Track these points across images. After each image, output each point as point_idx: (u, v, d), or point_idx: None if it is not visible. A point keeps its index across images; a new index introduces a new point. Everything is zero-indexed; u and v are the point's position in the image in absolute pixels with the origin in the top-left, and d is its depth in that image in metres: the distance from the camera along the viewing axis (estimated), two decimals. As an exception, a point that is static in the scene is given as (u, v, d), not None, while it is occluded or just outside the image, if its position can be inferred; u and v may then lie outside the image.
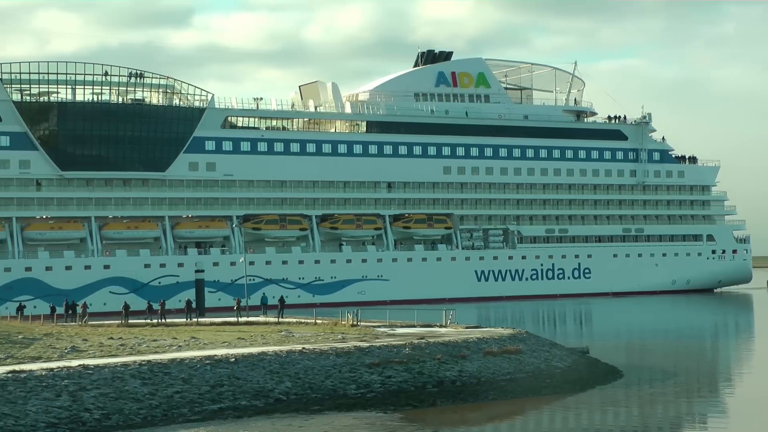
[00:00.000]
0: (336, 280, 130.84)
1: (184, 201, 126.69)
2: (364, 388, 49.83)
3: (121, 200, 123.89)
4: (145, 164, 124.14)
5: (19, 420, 40.26)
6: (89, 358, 49.94)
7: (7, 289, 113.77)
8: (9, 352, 50.43)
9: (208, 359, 49.55)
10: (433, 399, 49.47)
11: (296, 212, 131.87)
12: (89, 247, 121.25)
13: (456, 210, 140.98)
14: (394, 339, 58.63)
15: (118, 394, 44.27)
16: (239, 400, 46.34)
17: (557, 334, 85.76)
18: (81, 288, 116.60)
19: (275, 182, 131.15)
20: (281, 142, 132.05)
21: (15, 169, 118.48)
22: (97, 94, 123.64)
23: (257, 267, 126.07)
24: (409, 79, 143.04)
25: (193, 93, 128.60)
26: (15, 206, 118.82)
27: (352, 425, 43.77)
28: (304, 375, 49.68)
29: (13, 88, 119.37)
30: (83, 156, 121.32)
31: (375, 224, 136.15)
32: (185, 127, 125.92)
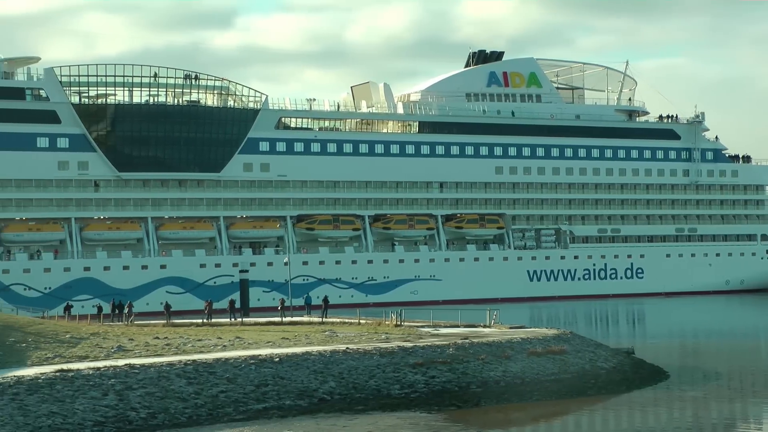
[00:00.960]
0: (388, 280, 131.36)
1: (239, 201, 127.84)
2: (408, 388, 50.07)
3: (176, 201, 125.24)
4: (200, 165, 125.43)
5: (67, 418, 40.97)
6: (135, 357, 50.70)
7: (67, 288, 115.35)
8: (57, 351, 51.15)
9: (252, 359, 50.00)
10: (477, 399, 49.65)
11: (349, 212, 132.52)
12: (146, 248, 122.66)
13: (508, 210, 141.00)
14: (437, 339, 58.84)
15: (164, 394, 44.88)
16: (284, 399, 46.83)
17: (609, 335, 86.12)
18: (138, 288, 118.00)
19: (328, 182, 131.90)
20: (334, 143, 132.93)
21: (74, 170, 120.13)
22: (153, 95, 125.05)
23: (311, 267, 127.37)
24: (461, 79, 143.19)
25: (247, 94, 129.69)
26: (74, 207, 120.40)
27: (396, 425, 44.09)
28: (348, 375, 50.07)
29: (71, 90, 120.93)
30: (140, 157, 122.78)
31: (427, 224, 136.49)
32: (240, 129, 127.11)
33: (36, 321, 62.16)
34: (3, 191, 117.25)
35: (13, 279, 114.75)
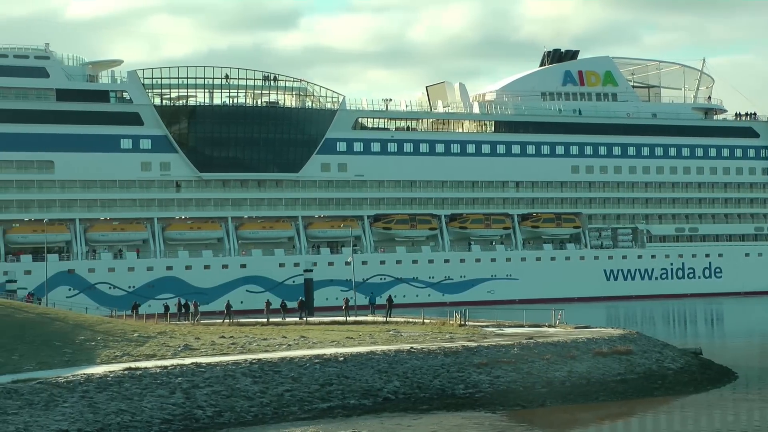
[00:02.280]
0: (465, 279, 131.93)
1: (317, 201, 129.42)
2: (472, 388, 49.77)
3: (256, 201, 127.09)
4: (279, 165, 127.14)
5: (135, 416, 41.49)
6: (201, 356, 51.12)
7: (150, 287, 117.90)
8: (125, 349, 51.87)
9: (317, 358, 50.15)
10: (542, 399, 49.27)
11: (426, 212, 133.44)
12: (226, 247, 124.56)
13: (584, 209, 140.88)
14: (502, 339, 58.64)
15: (230, 392, 45.11)
16: (348, 398, 46.79)
17: (687, 334, 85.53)
18: (219, 287, 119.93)
19: (405, 182, 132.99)
20: (410, 143, 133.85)
21: (156, 171, 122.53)
22: (233, 97, 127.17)
23: (388, 266, 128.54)
24: (536, 78, 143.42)
25: (325, 95, 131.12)
26: (156, 207, 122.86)
27: (461, 425, 43.90)
28: (412, 374, 49.89)
29: (154, 92, 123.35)
30: (220, 158, 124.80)
31: (503, 224, 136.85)
32: (317, 129, 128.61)
33: (105, 320, 63.26)
34: (88, 192, 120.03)
35: (99, 278, 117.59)
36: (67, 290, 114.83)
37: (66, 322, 56.81)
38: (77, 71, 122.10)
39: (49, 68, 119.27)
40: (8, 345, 49.62)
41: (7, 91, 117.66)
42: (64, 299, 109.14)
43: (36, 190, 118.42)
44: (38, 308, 63.15)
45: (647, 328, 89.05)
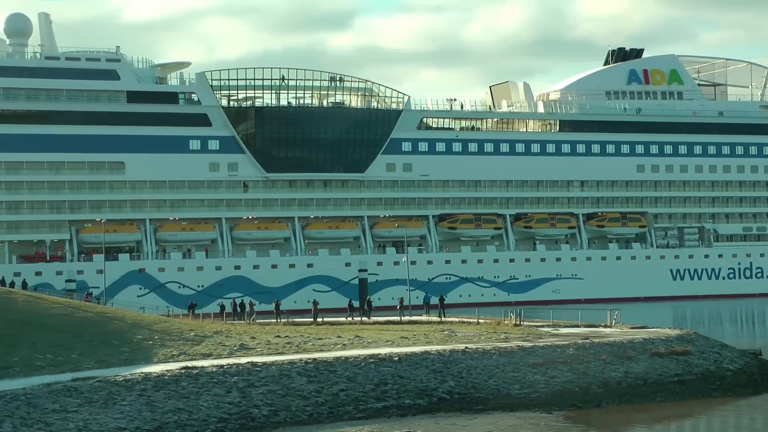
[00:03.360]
0: (530, 278, 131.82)
1: (382, 201, 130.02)
2: (527, 388, 49.78)
3: (322, 201, 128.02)
4: (344, 166, 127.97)
5: (192, 414, 42.18)
6: (257, 355, 51.76)
7: (218, 286, 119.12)
8: (182, 348, 52.70)
9: (372, 358, 50.64)
10: (599, 400, 49.24)
11: (490, 211, 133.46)
12: (293, 247, 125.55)
13: (650, 208, 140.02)
14: (557, 339, 58.78)
15: (285, 391, 45.68)
16: (403, 398, 47.04)
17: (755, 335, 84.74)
18: (286, 286, 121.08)
19: (470, 182, 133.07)
20: (475, 143, 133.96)
21: (224, 171, 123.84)
22: (299, 98, 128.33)
23: (453, 265, 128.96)
24: (600, 77, 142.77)
25: (390, 95, 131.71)
26: (224, 207, 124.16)
27: (516, 425, 44.02)
28: (467, 374, 50.06)
29: (222, 93, 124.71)
30: (286, 158, 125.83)
31: (568, 223, 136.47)
32: (383, 129, 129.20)
33: (162, 319, 64.26)
34: (158, 192, 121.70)
35: (169, 277, 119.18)
36: (137, 289, 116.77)
37: (124, 322, 58.03)
38: (147, 73, 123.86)
39: (120, 71, 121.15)
40: (68, 343, 50.76)
41: (80, 93, 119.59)
42: (134, 298, 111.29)
43: (107, 191, 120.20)
44: (97, 307, 64.47)
45: (714, 329, 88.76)
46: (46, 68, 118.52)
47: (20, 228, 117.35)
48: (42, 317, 55.60)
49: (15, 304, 58.25)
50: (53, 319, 55.85)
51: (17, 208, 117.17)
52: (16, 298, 60.73)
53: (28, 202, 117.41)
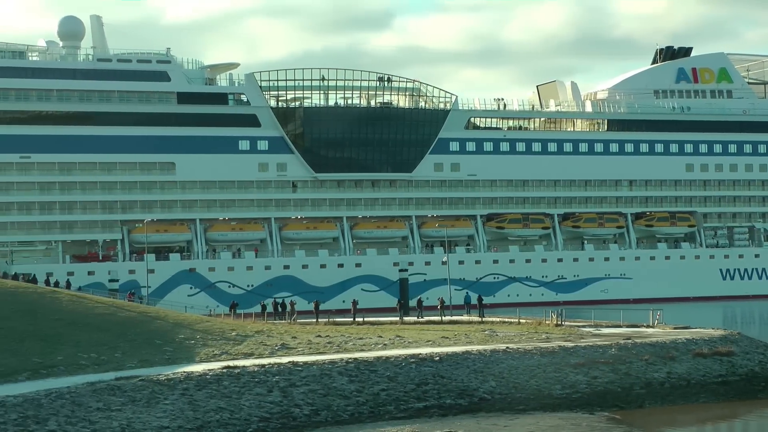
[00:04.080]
0: (578, 278, 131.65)
1: (430, 201, 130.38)
2: (569, 389, 49.63)
3: (370, 201, 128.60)
4: (392, 165, 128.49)
5: (234, 414, 42.42)
6: (298, 355, 52.03)
7: (267, 286, 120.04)
8: (224, 348, 53.08)
9: (413, 358, 50.57)
10: (641, 400, 49.17)
11: (538, 211, 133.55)
12: (341, 246, 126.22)
13: (699, 208, 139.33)
14: (599, 339, 58.54)
15: (327, 391, 45.79)
16: (444, 398, 46.97)
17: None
18: (334, 285, 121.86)
19: (517, 181, 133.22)
20: (523, 142, 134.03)
21: (273, 171, 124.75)
22: (347, 98, 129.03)
23: (501, 265, 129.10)
24: (648, 76, 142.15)
25: (438, 95, 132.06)
26: (273, 207, 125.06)
27: (558, 425, 43.84)
28: (508, 374, 49.89)
29: (270, 94, 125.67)
30: (335, 158, 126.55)
31: (617, 222, 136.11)
32: (431, 129, 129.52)
33: (204, 319, 64.75)
34: (208, 192, 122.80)
35: (219, 277, 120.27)
36: (188, 289, 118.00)
37: (166, 321, 58.74)
38: (196, 74, 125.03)
39: (171, 72, 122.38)
40: (111, 342, 51.44)
41: (131, 94, 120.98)
42: (185, 298, 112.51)
43: (158, 191, 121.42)
44: (140, 307, 65.15)
45: (764, 330, 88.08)
46: (99, 70, 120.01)
47: (73, 228, 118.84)
48: (86, 317, 56.39)
49: (59, 303, 59.06)
50: (97, 318, 56.62)
51: (70, 208, 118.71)
52: (61, 297, 61.53)
53: (81, 202, 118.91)
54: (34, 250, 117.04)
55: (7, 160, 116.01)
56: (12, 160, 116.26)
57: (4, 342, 48.64)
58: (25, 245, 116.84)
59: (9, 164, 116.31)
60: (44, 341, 49.85)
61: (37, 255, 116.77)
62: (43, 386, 42.40)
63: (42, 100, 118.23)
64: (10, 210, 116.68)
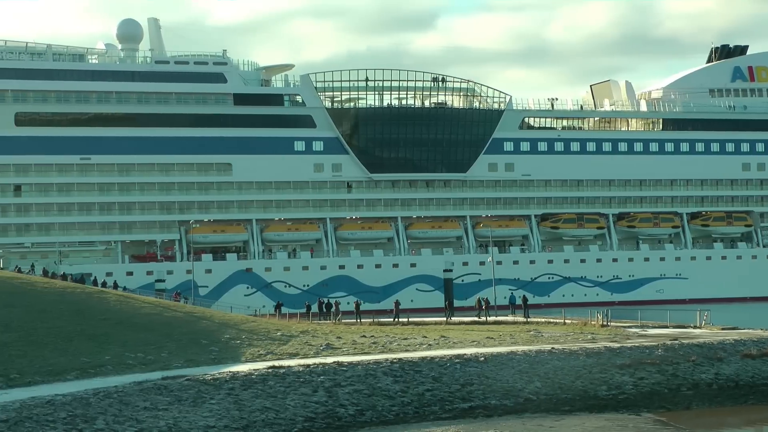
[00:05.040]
0: (634, 278, 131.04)
1: (484, 201, 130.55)
2: (615, 389, 49.47)
3: (424, 201, 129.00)
4: (447, 166, 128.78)
5: (279, 413, 42.76)
6: (343, 355, 52.37)
7: (323, 285, 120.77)
8: (269, 348, 53.51)
9: (457, 358, 50.76)
10: (688, 402, 49.06)
11: (593, 211, 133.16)
12: (396, 246, 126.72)
13: (756, 207, 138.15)
14: (645, 340, 58.35)
15: (371, 391, 46.02)
16: (489, 399, 46.95)
17: None
18: (389, 285, 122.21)
19: (572, 181, 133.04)
20: (577, 142, 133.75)
21: (328, 172, 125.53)
22: (402, 99, 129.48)
23: (555, 265, 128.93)
24: (704, 75, 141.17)
25: (492, 95, 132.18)
26: (328, 207, 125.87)
27: (604, 427, 43.81)
28: (553, 375, 49.84)
29: (325, 95, 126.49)
30: (389, 159, 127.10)
31: (672, 222, 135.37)
32: (485, 129, 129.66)
33: (249, 319, 65.28)
34: (264, 193, 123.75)
35: (275, 277, 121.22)
36: (245, 288, 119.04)
37: (212, 321, 59.34)
38: (252, 76, 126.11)
39: (227, 74, 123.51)
40: (158, 342, 52.10)
41: (188, 96, 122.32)
42: (242, 297, 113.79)
43: (215, 192, 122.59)
44: (185, 307, 65.89)
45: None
46: (156, 72, 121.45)
47: (132, 228, 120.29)
48: (133, 316, 57.16)
49: (107, 303, 59.95)
50: (144, 318, 57.39)
51: (129, 208, 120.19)
52: (108, 297, 62.45)
53: (140, 203, 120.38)
54: (94, 251, 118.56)
55: (68, 161, 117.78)
56: (72, 162, 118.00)
57: (54, 341, 49.52)
58: (85, 245, 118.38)
59: (69, 165, 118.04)
60: (92, 341, 50.68)
61: (96, 255, 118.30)
62: (91, 385, 43.13)
63: (101, 102, 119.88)
64: (71, 211, 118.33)
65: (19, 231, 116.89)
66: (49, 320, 52.92)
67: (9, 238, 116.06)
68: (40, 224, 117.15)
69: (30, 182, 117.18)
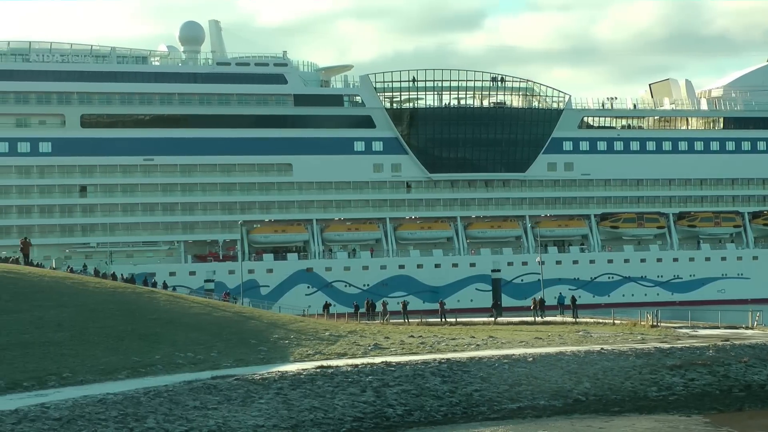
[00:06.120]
0: (695, 278, 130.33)
1: (543, 200, 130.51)
2: (665, 391, 49.30)
3: (483, 201, 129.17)
4: (506, 165, 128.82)
5: (327, 413, 43.06)
6: (391, 355, 52.55)
7: (383, 285, 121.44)
8: (317, 348, 53.90)
9: (506, 358, 50.84)
10: (740, 403, 48.80)
11: (653, 210, 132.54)
12: (455, 246, 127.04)
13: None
14: (696, 341, 58.04)
15: (419, 391, 46.13)
16: (538, 399, 46.94)
17: None
18: (449, 285, 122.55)
19: (631, 180, 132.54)
20: (637, 141, 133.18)
21: (387, 172, 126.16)
22: (461, 98, 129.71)
23: (615, 265, 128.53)
24: (765, 72, 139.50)
25: (551, 95, 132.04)
26: (388, 207, 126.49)
27: (654, 428, 43.72)
28: (602, 376, 49.74)
29: (384, 95, 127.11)
30: (448, 159, 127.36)
31: (734, 222, 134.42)
32: (544, 129, 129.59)
33: (297, 319, 65.64)
34: (324, 193, 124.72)
35: (335, 276, 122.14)
36: (305, 288, 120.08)
37: (261, 321, 59.78)
38: (312, 77, 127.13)
39: (287, 75, 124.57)
40: (207, 342, 52.64)
41: (249, 97, 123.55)
42: (302, 297, 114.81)
43: (276, 192, 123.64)
44: (234, 307, 66.43)
45: None
46: (218, 74, 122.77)
47: (194, 228, 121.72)
48: (182, 316, 57.79)
49: (157, 303, 60.66)
50: (193, 318, 57.99)
51: (192, 209, 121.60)
52: (158, 297, 63.17)
53: (202, 203, 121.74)
54: (158, 251, 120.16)
55: (132, 162, 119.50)
56: (136, 163, 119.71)
57: (105, 340, 50.37)
58: (149, 245, 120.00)
59: (133, 166, 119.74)
60: (143, 340, 51.43)
61: (160, 255, 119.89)
62: (141, 384, 43.84)
63: (164, 104, 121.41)
64: (135, 211, 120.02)
65: (85, 231, 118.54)
66: (101, 320, 53.79)
67: (74, 238, 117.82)
68: (105, 224, 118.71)
69: (95, 183, 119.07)
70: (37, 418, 37.87)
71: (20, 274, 62.86)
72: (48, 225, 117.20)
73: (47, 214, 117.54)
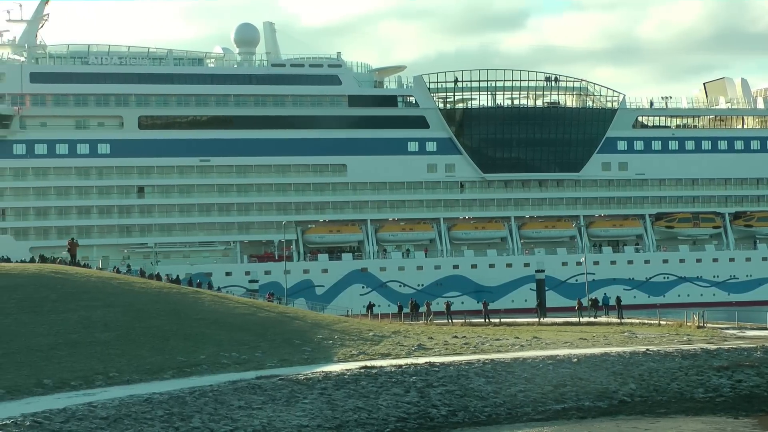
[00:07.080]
0: (751, 278, 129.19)
1: (597, 200, 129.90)
2: (712, 392, 49.11)
3: (537, 201, 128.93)
4: (560, 165, 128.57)
5: (371, 413, 43.29)
6: (435, 355, 52.69)
7: (437, 285, 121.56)
8: (361, 348, 54.28)
9: (550, 359, 50.94)
10: None
11: (708, 210, 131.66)
12: (510, 246, 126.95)
13: None
14: (743, 342, 57.81)
15: (463, 392, 46.30)
16: (582, 400, 46.97)
17: None
18: (503, 285, 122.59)
19: (687, 180, 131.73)
20: (692, 140, 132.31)
21: (441, 172, 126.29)
22: (515, 98, 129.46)
23: (670, 265, 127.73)
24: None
25: (605, 94, 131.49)
26: (442, 207, 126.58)
27: (701, 430, 43.57)
28: (648, 377, 49.68)
29: (438, 96, 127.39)
30: (502, 159, 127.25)
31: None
32: (598, 128, 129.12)
33: (341, 319, 66.10)
34: (378, 194, 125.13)
35: (389, 276, 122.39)
36: (360, 288, 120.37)
37: (305, 321, 60.27)
38: (365, 78, 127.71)
39: (341, 76, 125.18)
40: (252, 342, 53.13)
41: (304, 98, 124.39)
42: (357, 297, 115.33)
43: (330, 193, 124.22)
44: (278, 307, 66.82)
45: None
46: (273, 75, 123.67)
47: (250, 229, 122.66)
48: (227, 317, 58.34)
49: (202, 304, 61.17)
50: (238, 318, 58.53)
51: (247, 209, 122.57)
52: (203, 298, 63.63)
53: (257, 203, 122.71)
54: (214, 251, 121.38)
55: (188, 163, 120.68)
56: (193, 164, 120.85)
57: (151, 340, 51.06)
58: (205, 245, 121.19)
59: (190, 167, 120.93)
60: (188, 340, 52.04)
61: (216, 255, 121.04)
62: (187, 384, 44.39)
63: (220, 105, 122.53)
64: (191, 212, 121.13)
65: (143, 232, 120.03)
66: (147, 320, 54.48)
67: (133, 238, 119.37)
68: (162, 225, 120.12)
69: (152, 184, 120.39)
70: (84, 417, 38.41)
71: (67, 274, 63.69)
72: (107, 225, 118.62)
73: (106, 215, 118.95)
